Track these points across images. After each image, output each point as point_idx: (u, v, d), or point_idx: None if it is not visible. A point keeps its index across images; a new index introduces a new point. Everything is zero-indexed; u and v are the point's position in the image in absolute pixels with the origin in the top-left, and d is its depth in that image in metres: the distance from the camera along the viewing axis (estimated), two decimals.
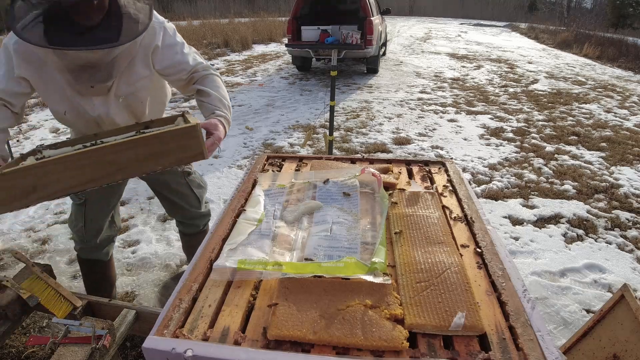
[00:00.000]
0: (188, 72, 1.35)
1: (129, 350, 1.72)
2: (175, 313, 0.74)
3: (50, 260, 2.38)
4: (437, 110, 5.51)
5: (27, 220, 2.84)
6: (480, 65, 9.02)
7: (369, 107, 5.58)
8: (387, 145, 4.17)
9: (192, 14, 18.64)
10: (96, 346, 1.13)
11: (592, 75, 8.39)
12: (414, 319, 0.70)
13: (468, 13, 29.63)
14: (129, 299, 2.07)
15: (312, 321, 0.70)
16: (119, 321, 1.33)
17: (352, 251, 0.85)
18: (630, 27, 16.70)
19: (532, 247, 2.49)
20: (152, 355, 0.67)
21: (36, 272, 1.35)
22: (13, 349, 1.71)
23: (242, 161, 3.79)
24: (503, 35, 16.73)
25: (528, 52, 11.77)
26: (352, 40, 6.55)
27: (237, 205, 1.08)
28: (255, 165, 1.33)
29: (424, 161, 1.37)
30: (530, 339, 0.66)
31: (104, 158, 0.99)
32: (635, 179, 3.46)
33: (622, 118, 5.27)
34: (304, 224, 0.97)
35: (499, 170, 3.61)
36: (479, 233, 0.95)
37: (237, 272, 0.82)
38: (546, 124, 4.93)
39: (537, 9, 27.46)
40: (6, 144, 1.24)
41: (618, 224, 2.76)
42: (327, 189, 1.11)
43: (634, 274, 2.26)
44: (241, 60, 9.53)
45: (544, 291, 2.11)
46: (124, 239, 2.58)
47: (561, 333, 1.85)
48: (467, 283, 0.77)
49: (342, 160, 1.36)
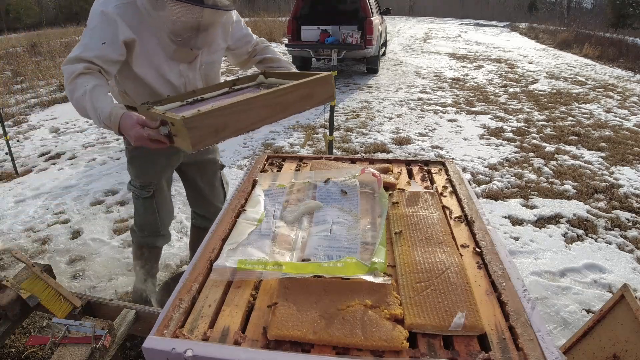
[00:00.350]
0: (252, 45, 1.55)
1: (129, 350, 1.72)
2: (175, 313, 0.74)
3: (50, 260, 2.38)
4: (437, 110, 5.51)
5: (27, 220, 2.84)
6: (480, 65, 9.02)
7: (369, 107, 5.58)
8: (387, 145, 4.17)
9: None
10: (96, 346, 1.13)
11: (592, 75, 8.39)
12: (414, 319, 0.70)
13: (468, 13, 29.63)
14: (129, 299, 2.07)
15: (312, 321, 0.70)
16: (119, 321, 1.33)
17: (352, 251, 0.85)
18: (630, 27, 16.70)
19: (532, 247, 2.49)
20: (152, 355, 0.67)
21: (36, 272, 1.35)
22: (13, 349, 1.71)
23: (242, 161, 3.79)
24: (503, 35, 16.73)
25: (528, 52, 11.77)
26: (352, 40, 6.55)
27: (237, 205, 1.08)
28: (255, 166, 1.33)
29: (424, 161, 1.37)
30: (530, 339, 0.66)
31: (275, 100, 1.18)
32: (635, 179, 3.46)
33: (622, 118, 5.27)
34: (304, 224, 0.97)
35: (499, 170, 3.61)
36: (479, 233, 0.95)
37: (237, 272, 0.82)
38: (546, 124, 4.93)
39: (537, 9, 27.47)
40: (6, 143, 1.25)
41: (618, 224, 2.76)
42: (327, 189, 1.11)
43: (634, 274, 2.26)
44: None
45: (544, 291, 2.11)
46: (123, 239, 2.58)
47: (561, 333, 1.85)
48: (467, 283, 0.77)
49: (342, 160, 1.36)
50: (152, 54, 1.30)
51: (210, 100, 1.40)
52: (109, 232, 2.67)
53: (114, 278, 2.22)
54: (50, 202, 3.08)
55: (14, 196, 3.19)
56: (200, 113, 1.05)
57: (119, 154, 4.04)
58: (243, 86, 1.48)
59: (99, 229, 2.70)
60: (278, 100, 1.19)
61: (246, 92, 1.46)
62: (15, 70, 8.43)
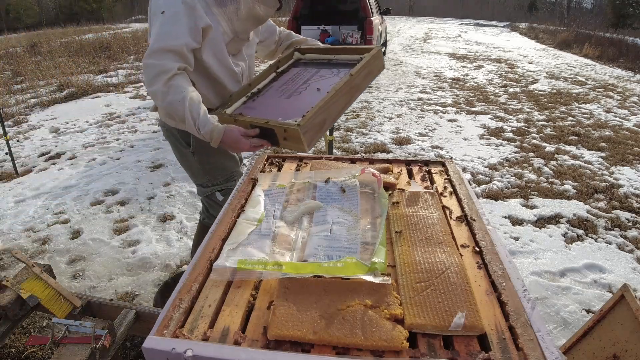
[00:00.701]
0: (277, 34, 1.62)
1: (129, 350, 1.72)
2: (175, 313, 0.74)
3: (50, 260, 2.38)
4: (437, 110, 5.51)
5: (27, 220, 2.84)
6: (480, 65, 9.02)
7: (369, 107, 5.58)
8: (387, 145, 4.17)
9: None
10: (96, 346, 1.13)
11: (592, 75, 8.39)
12: (414, 319, 0.70)
13: (468, 13, 29.63)
14: (129, 299, 2.07)
15: (312, 321, 0.70)
16: (119, 321, 1.33)
17: (352, 251, 0.85)
18: (630, 27, 16.71)
19: (532, 247, 2.49)
20: (152, 355, 0.67)
21: (36, 272, 1.35)
22: (13, 349, 1.72)
23: None
24: (503, 35, 16.73)
25: (528, 52, 11.77)
26: (352, 40, 6.55)
27: (237, 205, 1.08)
28: (255, 166, 1.33)
29: (424, 161, 1.37)
30: (530, 339, 0.66)
31: (353, 82, 1.26)
32: (635, 179, 3.46)
33: (622, 118, 5.27)
34: (304, 224, 0.97)
35: (499, 170, 3.61)
36: (479, 233, 0.95)
37: (237, 272, 0.82)
38: (546, 124, 4.93)
39: (537, 9, 27.47)
40: (6, 143, 1.25)
41: (618, 224, 2.76)
42: (327, 189, 1.10)
43: (634, 274, 2.26)
44: None
45: (544, 291, 2.11)
46: (123, 239, 2.58)
47: (561, 333, 1.85)
48: (467, 283, 0.77)
49: (342, 160, 1.36)
50: (216, 43, 1.30)
51: (264, 90, 1.47)
52: (109, 232, 2.67)
53: (114, 278, 2.22)
54: (50, 202, 3.08)
55: (14, 196, 3.19)
56: (308, 116, 1.14)
57: (119, 154, 4.04)
58: (285, 67, 1.58)
59: (99, 229, 2.70)
60: (353, 84, 1.26)
61: (294, 72, 1.53)
62: (15, 70, 8.44)
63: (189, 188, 3.22)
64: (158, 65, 1.14)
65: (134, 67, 8.61)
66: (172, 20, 1.17)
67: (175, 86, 1.16)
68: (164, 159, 3.86)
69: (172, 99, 1.16)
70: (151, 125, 4.91)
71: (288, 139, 1.17)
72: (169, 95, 1.16)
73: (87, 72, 8.12)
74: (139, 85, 7.15)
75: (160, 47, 1.15)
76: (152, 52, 1.15)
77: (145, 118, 5.22)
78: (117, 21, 21.02)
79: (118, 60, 9.45)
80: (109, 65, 8.83)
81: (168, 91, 1.15)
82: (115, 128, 4.87)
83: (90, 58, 9.48)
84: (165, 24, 1.17)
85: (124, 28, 16.64)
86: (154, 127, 4.85)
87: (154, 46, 1.15)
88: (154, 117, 5.21)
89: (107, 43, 11.21)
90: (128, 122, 5.10)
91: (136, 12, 28.02)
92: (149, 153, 4.03)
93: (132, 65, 8.95)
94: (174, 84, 1.16)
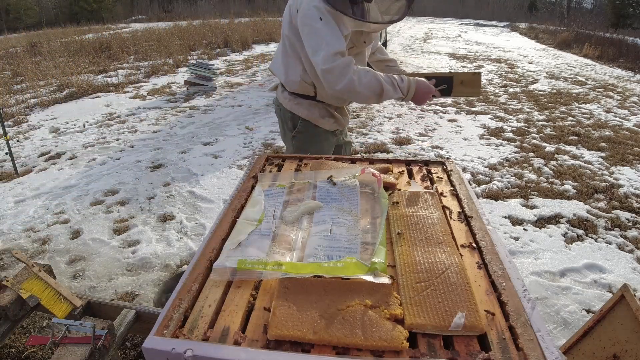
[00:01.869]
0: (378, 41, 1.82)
1: (129, 350, 1.72)
2: (175, 313, 0.74)
3: (50, 260, 2.38)
4: (437, 110, 5.51)
5: (27, 220, 2.84)
6: (480, 65, 9.02)
7: (369, 107, 5.58)
8: (387, 145, 4.17)
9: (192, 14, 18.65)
10: (96, 346, 1.13)
11: (592, 75, 8.39)
12: (414, 319, 0.70)
13: (468, 13, 29.62)
14: (129, 299, 2.07)
15: (312, 321, 0.70)
16: (119, 321, 1.33)
17: (352, 251, 0.85)
18: (630, 27, 16.71)
19: (532, 247, 2.49)
20: (152, 355, 0.67)
21: (36, 272, 1.35)
22: (13, 349, 1.72)
23: (242, 161, 3.79)
24: (503, 35, 16.73)
25: (528, 52, 11.77)
26: None
27: (237, 205, 1.08)
28: (255, 165, 1.33)
29: (424, 161, 1.37)
30: (530, 339, 0.66)
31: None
32: (635, 179, 3.46)
33: (622, 118, 5.27)
34: (304, 224, 0.97)
35: (499, 170, 3.61)
36: (479, 233, 0.95)
37: (237, 272, 0.82)
38: (546, 124, 4.93)
39: (537, 9, 27.46)
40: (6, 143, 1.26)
41: (618, 224, 2.76)
42: (327, 189, 1.10)
43: (634, 274, 2.26)
44: (241, 60, 9.53)
45: (544, 291, 2.11)
46: (123, 239, 2.58)
47: (561, 333, 1.85)
48: (467, 283, 0.77)
49: (342, 160, 1.36)
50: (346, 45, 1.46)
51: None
52: (109, 232, 2.67)
53: (114, 278, 2.22)
54: (50, 202, 3.09)
55: (14, 196, 3.19)
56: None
57: (119, 154, 4.04)
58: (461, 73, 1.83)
59: (99, 229, 2.70)
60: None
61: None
62: (15, 70, 8.43)
63: (189, 188, 3.23)
64: (340, 63, 1.34)
65: (134, 67, 8.61)
66: (329, 28, 1.37)
67: (359, 70, 1.37)
68: (164, 159, 3.86)
69: (367, 80, 1.37)
70: (151, 125, 4.91)
71: (465, 84, 1.48)
72: (363, 78, 1.37)
73: (87, 72, 8.12)
74: (138, 85, 7.15)
75: (333, 52, 1.35)
76: (328, 57, 1.34)
77: (145, 118, 5.22)
78: (117, 21, 21.00)
79: (118, 60, 9.45)
80: (109, 65, 8.83)
81: (359, 77, 1.36)
82: (115, 128, 4.87)
83: (90, 58, 9.48)
84: (324, 32, 1.37)
85: (124, 28, 16.63)
86: (154, 127, 4.85)
87: (326, 54, 1.34)
88: (153, 117, 5.21)
89: (107, 43, 11.21)
90: (128, 122, 5.10)
91: (136, 12, 27.97)
92: (149, 153, 4.03)
93: (132, 65, 8.95)
94: (357, 69, 1.37)
